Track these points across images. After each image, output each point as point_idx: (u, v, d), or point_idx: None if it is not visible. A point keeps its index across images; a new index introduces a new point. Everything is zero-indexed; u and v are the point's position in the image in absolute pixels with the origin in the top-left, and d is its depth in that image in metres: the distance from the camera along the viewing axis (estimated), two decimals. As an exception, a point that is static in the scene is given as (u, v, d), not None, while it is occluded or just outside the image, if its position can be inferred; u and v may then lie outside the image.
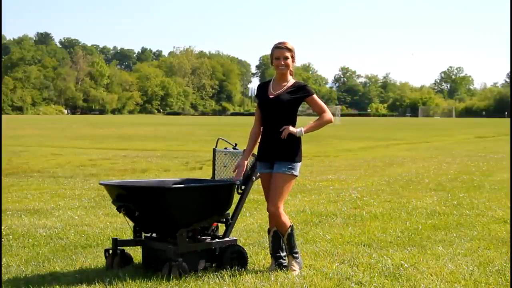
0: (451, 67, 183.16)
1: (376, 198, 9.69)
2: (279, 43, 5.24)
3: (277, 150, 5.18)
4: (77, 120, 67.78)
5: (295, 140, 5.24)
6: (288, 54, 5.20)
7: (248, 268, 5.22)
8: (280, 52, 5.20)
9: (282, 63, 5.19)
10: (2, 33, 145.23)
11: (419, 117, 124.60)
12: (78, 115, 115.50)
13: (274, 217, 5.18)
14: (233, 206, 5.37)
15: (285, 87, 5.24)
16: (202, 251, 5.14)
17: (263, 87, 5.37)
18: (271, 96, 5.23)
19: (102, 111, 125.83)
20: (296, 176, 5.22)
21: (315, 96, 5.29)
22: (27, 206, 8.69)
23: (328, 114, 5.29)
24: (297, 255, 5.28)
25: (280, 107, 5.19)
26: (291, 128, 5.12)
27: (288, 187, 5.16)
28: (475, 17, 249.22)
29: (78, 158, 17.53)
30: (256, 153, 5.45)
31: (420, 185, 11.38)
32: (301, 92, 5.23)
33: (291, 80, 5.29)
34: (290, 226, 5.24)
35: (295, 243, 5.31)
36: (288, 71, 5.25)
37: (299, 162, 5.25)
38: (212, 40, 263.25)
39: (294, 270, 5.14)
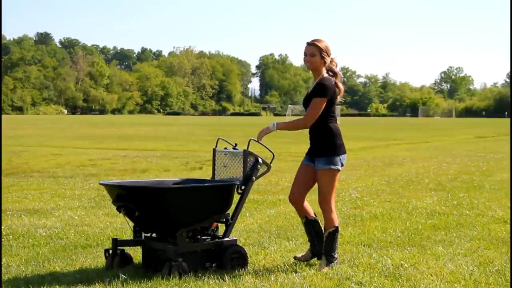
0: (451, 67, 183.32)
1: (376, 198, 9.69)
2: (312, 40, 5.28)
3: (313, 147, 5.38)
4: (77, 120, 67.78)
5: (329, 135, 5.30)
6: (314, 51, 5.21)
7: (248, 268, 5.22)
8: (307, 48, 5.26)
9: (307, 59, 5.26)
10: (2, 33, 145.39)
11: (419, 117, 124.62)
12: (78, 115, 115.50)
13: (323, 212, 5.33)
14: (233, 206, 5.37)
15: (313, 86, 5.32)
16: (202, 251, 5.14)
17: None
18: (304, 97, 5.42)
19: (102, 111, 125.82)
20: (334, 169, 5.25)
21: (319, 99, 5.21)
22: (27, 206, 8.69)
23: (305, 121, 5.29)
24: (332, 260, 5.28)
25: (307, 106, 5.32)
26: (264, 128, 5.32)
27: (329, 182, 5.24)
28: (475, 17, 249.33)
29: (78, 158, 17.53)
30: (255, 153, 5.45)
31: (420, 185, 11.38)
32: (314, 91, 5.25)
33: (322, 76, 5.28)
34: (335, 226, 5.30)
35: (335, 246, 5.32)
36: (322, 68, 5.26)
37: (337, 155, 5.28)
38: (212, 40, 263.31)
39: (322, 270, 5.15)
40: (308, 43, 5.27)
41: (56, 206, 8.76)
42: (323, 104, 5.20)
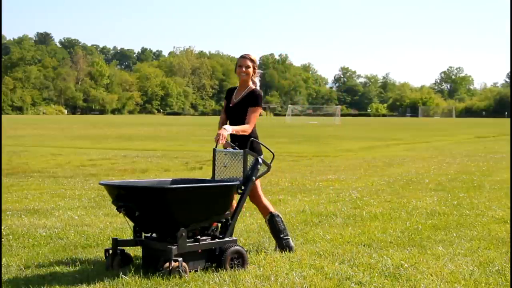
0: (451, 67, 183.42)
1: (376, 198, 9.69)
2: (244, 54, 5.91)
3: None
4: (77, 120, 67.78)
5: (250, 139, 5.69)
6: (250, 64, 5.86)
7: (248, 268, 5.22)
8: (244, 61, 5.86)
9: (244, 70, 5.83)
10: (2, 33, 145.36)
11: (419, 117, 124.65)
12: (78, 115, 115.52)
13: (256, 206, 5.99)
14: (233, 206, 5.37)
15: (242, 95, 5.85)
16: (202, 251, 5.14)
17: (230, 93, 6.02)
18: (231, 105, 5.88)
19: (102, 111, 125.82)
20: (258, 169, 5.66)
21: (256, 108, 5.75)
22: (27, 206, 8.69)
23: (249, 128, 5.69)
24: (283, 242, 5.89)
25: (237, 115, 5.79)
26: (224, 133, 5.46)
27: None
28: (475, 17, 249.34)
29: (78, 158, 17.53)
30: (256, 153, 5.45)
31: (420, 185, 11.38)
32: (249, 101, 5.77)
33: (250, 87, 5.88)
34: (270, 212, 5.91)
35: (281, 228, 5.90)
36: (249, 79, 5.87)
37: (261, 156, 5.69)
38: (212, 40, 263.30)
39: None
40: (244, 57, 5.87)
41: (56, 206, 8.76)
42: (259, 112, 5.83)
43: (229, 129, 5.53)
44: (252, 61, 5.87)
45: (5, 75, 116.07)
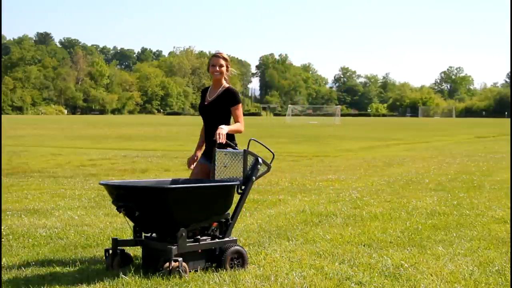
0: (451, 67, 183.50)
1: (376, 198, 9.69)
2: (217, 52, 5.89)
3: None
4: (77, 120, 67.78)
5: (229, 139, 5.65)
6: (223, 63, 5.84)
7: (248, 268, 5.22)
8: (216, 60, 5.85)
9: (217, 70, 5.82)
10: (2, 33, 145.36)
11: (419, 117, 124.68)
12: (78, 115, 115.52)
13: None
14: (233, 206, 5.37)
15: (217, 94, 5.83)
16: (202, 251, 5.14)
17: (203, 92, 6.00)
18: (206, 103, 5.86)
19: (102, 111, 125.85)
20: None
21: (238, 106, 5.78)
22: (27, 206, 8.69)
23: (242, 126, 5.75)
24: None
25: (212, 113, 5.78)
26: (223, 132, 5.44)
27: None
28: (475, 17, 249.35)
29: (78, 158, 17.53)
30: (255, 153, 5.45)
31: (420, 185, 11.38)
32: (229, 100, 5.76)
33: (224, 85, 5.87)
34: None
35: None
36: (223, 77, 5.87)
37: None
38: (212, 40, 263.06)
39: None
40: (216, 56, 5.85)
41: (56, 206, 8.76)
42: (241, 108, 5.84)
43: (225, 128, 5.53)
44: (225, 59, 5.87)
45: (5, 75, 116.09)
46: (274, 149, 6.00)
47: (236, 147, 5.68)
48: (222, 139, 5.42)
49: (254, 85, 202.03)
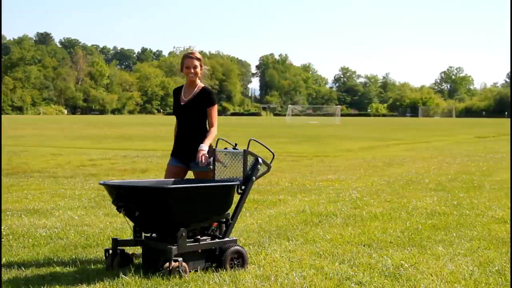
0: (451, 67, 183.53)
1: (376, 198, 9.69)
2: (189, 53, 5.81)
3: (191, 152, 5.64)
4: (77, 120, 67.78)
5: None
6: (197, 63, 5.77)
7: (248, 268, 5.22)
8: (190, 61, 5.76)
9: (192, 71, 5.75)
10: (2, 33, 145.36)
11: (419, 117, 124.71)
12: (78, 115, 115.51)
13: None
14: (233, 206, 5.37)
15: (193, 94, 5.78)
16: (202, 251, 5.14)
17: (176, 92, 5.93)
18: (182, 103, 5.79)
19: (102, 111, 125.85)
20: (210, 172, 5.69)
21: (214, 107, 5.74)
22: (27, 206, 8.69)
23: (215, 129, 5.68)
24: None
25: (189, 113, 5.73)
26: (203, 152, 5.46)
27: None
28: (475, 17, 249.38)
29: (78, 158, 17.53)
30: (255, 153, 5.45)
31: (420, 185, 11.38)
32: (205, 100, 5.72)
33: (199, 85, 5.83)
34: None
35: None
36: (197, 78, 5.82)
37: (211, 158, 5.68)
38: (212, 40, 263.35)
39: None
40: (190, 57, 5.77)
41: (56, 206, 8.76)
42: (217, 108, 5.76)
43: (206, 147, 5.49)
44: (199, 59, 5.79)
45: (5, 75, 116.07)
46: (274, 149, 6.00)
47: (237, 148, 5.67)
48: (205, 161, 5.45)
49: (254, 85, 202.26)
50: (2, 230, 6.85)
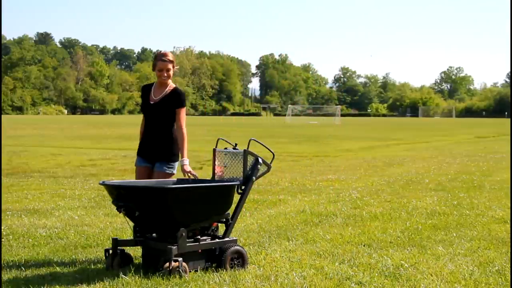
0: (451, 67, 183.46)
1: (376, 198, 9.69)
2: (162, 55, 5.68)
3: (157, 152, 5.72)
4: (77, 120, 67.78)
5: (171, 142, 5.66)
6: (170, 66, 5.67)
7: (248, 268, 5.22)
8: (164, 64, 5.65)
9: (165, 74, 5.66)
10: (2, 33, 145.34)
11: (419, 117, 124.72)
12: (78, 115, 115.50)
13: None
14: (233, 206, 5.37)
15: (164, 93, 5.70)
16: (202, 251, 5.13)
17: (146, 90, 5.85)
18: (151, 102, 5.73)
19: (102, 111, 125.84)
20: (174, 173, 5.72)
21: (183, 109, 5.68)
22: (27, 206, 8.69)
23: (185, 132, 5.61)
24: None
25: (158, 113, 5.67)
26: (189, 168, 5.52)
27: None
28: (475, 17, 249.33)
29: (78, 158, 17.53)
30: (255, 153, 5.45)
31: (420, 185, 11.38)
32: (175, 101, 5.65)
33: (170, 85, 5.74)
34: None
35: None
36: (170, 79, 5.73)
37: (176, 161, 5.73)
38: (212, 40, 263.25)
39: None
40: (163, 60, 5.64)
41: (56, 206, 8.76)
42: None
43: (187, 161, 5.52)
44: (172, 62, 5.69)
45: (5, 75, 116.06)
46: (274, 149, 6.00)
47: (237, 148, 5.66)
48: (192, 175, 5.51)
49: (254, 85, 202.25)
50: (2, 230, 6.85)
